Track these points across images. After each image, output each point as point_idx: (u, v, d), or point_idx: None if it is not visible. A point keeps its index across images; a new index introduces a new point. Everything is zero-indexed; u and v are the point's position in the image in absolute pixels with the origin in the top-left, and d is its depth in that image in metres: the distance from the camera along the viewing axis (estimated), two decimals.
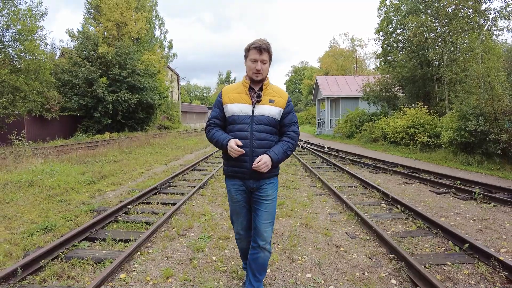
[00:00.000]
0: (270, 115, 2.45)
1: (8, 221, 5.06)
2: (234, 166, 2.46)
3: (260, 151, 2.39)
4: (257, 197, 2.53)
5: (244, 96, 2.46)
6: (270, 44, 2.43)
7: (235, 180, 2.52)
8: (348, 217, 5.06)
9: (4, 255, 3.75)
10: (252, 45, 2.38)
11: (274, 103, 2.47)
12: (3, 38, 17.05)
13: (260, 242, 2.54)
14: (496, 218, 5.00)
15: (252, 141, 2.39)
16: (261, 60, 2.37)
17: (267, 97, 2.47)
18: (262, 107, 2.44)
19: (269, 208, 2.55)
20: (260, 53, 2.36)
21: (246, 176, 2.45)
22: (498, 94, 11.41)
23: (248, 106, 2.43)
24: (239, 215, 2.64)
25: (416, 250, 3.89)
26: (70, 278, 3.24)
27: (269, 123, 2.45)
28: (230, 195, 2.61)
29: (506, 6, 14.57)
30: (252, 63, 2.39)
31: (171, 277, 3.20)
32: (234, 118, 2.45)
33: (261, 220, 2.53)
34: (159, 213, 5.27)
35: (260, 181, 2.48)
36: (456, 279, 3.19)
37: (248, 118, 2.42)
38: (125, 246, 3.98)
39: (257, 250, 2.57)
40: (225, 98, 2.50)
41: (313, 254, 3.72)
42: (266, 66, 2.42)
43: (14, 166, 8.78)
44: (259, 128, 2.42)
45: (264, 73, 2.42)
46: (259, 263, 2.60)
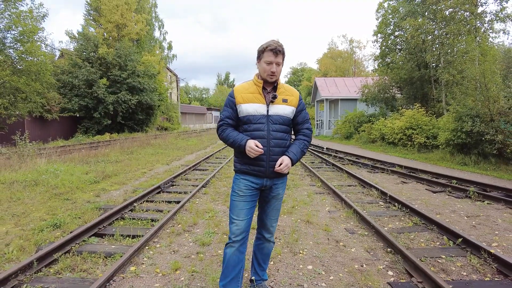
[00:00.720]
0: (284, 115, 2.48)
1: (18, 218, 5.22)
2: (251, 164, 2.45)
3: (277, 150, 2.43)
4: (268, 196, 2.59)
5: (258, 96, 2.45)
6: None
7: (249, 176, 2.50)
8: (347, 214, 5.24)
9: (18, 250, 3.90)
10: (268, 47, 2.37)
11: (288, 103, 2.49)
12: (5, 40, 17.18)
13: (266, 235, 2.71)
14: (489, 215, 5.19)
15: (269, 140, 2.41)
16: (276, 62, 2.38)
17: (281, 96, 2.48)
18: (277, 106, 2.46)
19: (278, 207, 2.68)
20: (276, 55, 2.37)
21: (263, 174, 2.46)
22: (493, 95, 11.63)
23: (263, 106, 2.43)
24: (241, 211, 2.50)
25: (412, 244, 4.07)
26: (83, 270, 3.40)
27: (284, 122, 2.48)
28: (239, 189, 2.52)
29: (501, 9, 14.80)
30: (267, 65, 2.38)
31: (180, 269, 3.37)
32: (249, 118, 2.44)
33: (270, 217, 2.67)
34: (164, 211, 5.44)
35: (273, 179, 2.52)
36: (450, 271, 3.37)
37: (264, 118, 2.43)
38: (133, 241, 4.14)
39: (262, 241, 2.75)
40: (238, 97, 2.47)
41: (313, 248, 3.90)
42: (280, 68, 2.43)
43: (18, 166, 8.92)
44: (275, 128, 2.43)
45: (278, 75, 2.44)
46: (265, 253, 2.79)
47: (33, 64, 17.70)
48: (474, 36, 14.96)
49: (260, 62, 2.44)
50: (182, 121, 46.96)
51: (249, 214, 2.53)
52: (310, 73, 63.09)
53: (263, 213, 2.68)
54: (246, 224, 2.51)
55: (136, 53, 27.73)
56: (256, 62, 2.51)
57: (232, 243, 2.50)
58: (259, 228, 2.76)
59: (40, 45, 18.81)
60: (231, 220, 2.54)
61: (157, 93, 29.86)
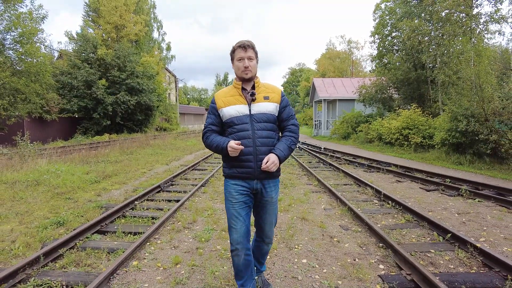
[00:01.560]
0: (267, 112, 2.45)
1: (21, 217, 5.36)
2: (238, 167, 2.42)
3: (264, 149, 2.40)
4: (261, 200, 2.55)
5: (238, 97, 2.45)
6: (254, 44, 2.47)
7: (237, 180, 2.47)
8: (342, 211, 5.40)
9: (23, 246, 4.05)
10: (237, 45, 2.41)
11: (269, 99, 2.47)
12: (4, 41, 17.30)
13: (265, 239, 2.72)
14: (479, 212, 5.36)
15: (255, 140, 2.38)
16: (248, 57, 2.39)
17: (261, 94, 2.47)
18: (258, 105, 2.44)
19: (273, 211, 2.63)
20: (245, 50, 2.38)
21: (251, 176, 2.42)
22: (488, 96, 11.81)
23: (244, 107, 2.43)
24: (237, 218, 2.47)
25: (403, 240, 4.23)
26: (87, 265, 3.55)
27: (268, 120, 2.45)
28: (230, 196, 2.49)
29: (496, 10, 15.00)
30: (239, 62, 2.40)
31: (180, 263, 3.52)
32: (232, 120, 2.43)
33: (266, 222, 2.63)
34: (164, 209, 5.59)
35: (263, 181, 2.48)
36: (438, 264, 3.53)
37: (247, 118, 2.41)
38: (134, 238, 4.29)
39: (261, 243, 2.76)
40: (219, 102, 2.48)
41: (308, 243, 4.06)
42: (253, 62, 2.42)
43: (20, 166, 9.06)
44: (260, 127, 2.41)
45: (253, 70, 2.43)
46: (263, 252, 2.83)
47: (33, 65, 17.82)
48: (469, 37, 15.16)
49: (233, 63, 2.47)
50: (181, 122, 47.10)
51: (246, 219, 2.51)
52: (308, 74, 63.30)
53: (260, 219, 2.64)
54: (245, 229, 2.49)
55: (135, 54, 27.85)
56: (232, 66, 2.53)
57: (237, 251, 2.48)
58: (258, 232, 2.75)
59: (40, 47, 18.94)
60: (230, 227, 2.52)
61: (156, 94, 29.99)
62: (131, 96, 26.14)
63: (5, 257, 3.75)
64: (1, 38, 17.11)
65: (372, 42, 23.10)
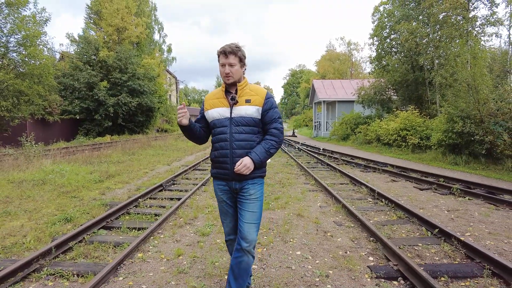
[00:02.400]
0: (247, 115, 2.46)
1: (30, 214, 5.60)
2: (217, 168, 2.54)
3: (240, 152, 2.42)
4: (240, 197, 2.54)
5: (222, 100, 2.51)
6: (241, 47, 2.47)
7: (220, 181, 2.58)
8: (336, 209, 5.64)
9: (34, 240, 4.29)
10: (219, 50, 2.44)
11: (251, 103, 2.47)
12: (9, 44, 17.58)
13: (243, 244, 2.45)
14: (468, 209, 5.60)
15: (231, 142, 2.44)
16: (228, 64, 2.40)
17: (244, 97, 2.48)
18: (239, 108, 2.47)
19: (251, 208, 2.50)
20: (226, 57, 2.40)
21: (229, 177, 2.49)
22: (483, 97, 12.04)
23: (226, 109, 2.48)
24: (226, 215, 2.67)
25: (393, 235, 4.47)
26: (95, 257, 3.79)
27: (248, 123, 2.46)
28: (217, 195, 2.66)
29: (492, 14, 15.26)
30: (221, 67, 2.44)
31: (182, 255, 3.77)
32: (214, 122, 2.52)
33: (244, 220, 2.48)
34: (166, 207, 5.83)
35: (242, 182, 2.49)
36: (424, 256, 3.76)
37: (227, 121, 2.47)
38: (138, 233, 4.53)
39: (240, 253, 2.46)
40: (206, 104, 2.59)
41: (303, 237, 4.30)
42: (235, 68, 2.43)
43: (26, 166, 9.31)
44: (237, 130, 2.45)
45: (235, 75, 2.44)
46: (242, 267, 2.48)
47: (36, 67, 18.09)
48: (465, 39, 15.42)
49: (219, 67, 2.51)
50: None
51: (235, 215, 2.64)
52: (308, 75, 63.59)
53: (240, 217, 2.54)
54: (234, 223, 2.68)
55: (136, 56, 28.14)
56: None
57: (231, 241, 2.76)
58: (238, 237, 2.51)
59: (43, 49, 19.20)
60: (222, 222, 2.76)
61: (157, 96, 30.29)
62: (133, 98, 26.42)
63: (18, 250, 3.99)
64: (5, 41, 17.39)
65: (371, 44, 23.37)
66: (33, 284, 3.17)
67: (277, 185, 7.74)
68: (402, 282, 3.20)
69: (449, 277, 3.25)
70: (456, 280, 3.21)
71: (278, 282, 3.12)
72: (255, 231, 2.51)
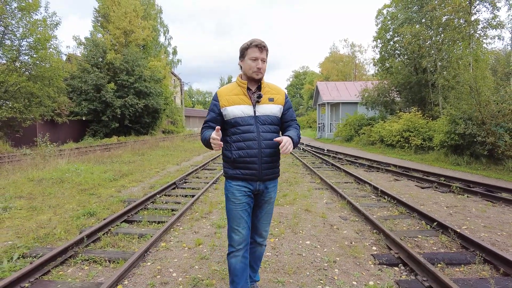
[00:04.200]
0: (272, 114, 2.43)
1: (54, 209, 5.98)
2: (242, 168, 2.39)
3: (268, 151, 2.38)
4: (260, 200, 2.54)
5: (243, 97, 2.40)
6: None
7: (241, 182, 2.44)
8: (341, 205, 5.99)
9: (64, 232, 4.67)
10: (253, 43, 2.34)
11: (274, 101, 2.45)
12: (21, 47, 18.09)
13: (258, 240, 2.67)
14: (466, 205, 5.92)
15: (260, 142, 2.35)
16: (262, 59, 2.35)
17: (266, 95, 2.43)
18: (263, 106, 2.40)
19: (270, 210, 2.62)
20: (261, 51, 2.35)
21: (255, 178, 2.40)
22: (484, 99, 12.33)
23: (249, 107, 2.38)
24: (240, 220, 2.45)
25: (395, 228, 4.81)
26: (122, 246, 4.16)
27: (273, 122, 2.43)
28: (234, 197, 2.45)
29: (493, 17, 15.54)
30: (252, 61, 2.34)
31: (202, 244, 4.13)
32: (236, 120, 2.37)
33: (262, 221, 2.61)
34: (181, 203, 6.20)
35: (266, 182, 2.47)
36: (423, 246, 4.10)
37: (252, 119, 2.37)
38: (159, 226, 4.90)
39: (254, 245, 2.70)
40: (223, 100, 2.40)
41: (311, 229, 4.66)
42: (265, 65, 2.40)
43: (43, 166, 9.73)
44: (265, 129, 2.39)
45: (264, 72, 2.41)
46: (256, 255, 2.76)
47: (47, 70, 18.59)
48: (468, 42, 15.71)
49: (244, 60, 2.41)
50: (186, 124, 47.89)
51: (248, 221, 2.51)
52: (312, 77, 63.93)
53: (255, 218, 2.60)
54: (247, 231, 2.49)
55: (143, 59, 28.63)
56: (239, 62, 2.47)
57: (236, 252, 2.48)
58: (252, 233, 2.63)
59: (53, 52, 19.69)
60: (232, 229, 2.49)
61: (162, 97, 30.76)
62: (139, 99, 26.91)
63: (51, 240, 4.37)
64: (17, 45, 17.90)
65: (374, 47, 23.67)
66: (71, 268, 3.55)
67: (284, 184, 8.10)
68: (402, 267, 3.54)
69: (445, 263, 3.59)
70: (452, 267, 3.55)
71: (291, 266, 3.48)
72: (268, 229, 2.73)
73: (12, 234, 4.59)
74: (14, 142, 17.77)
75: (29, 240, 4.29)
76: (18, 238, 4.39)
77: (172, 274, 3.36)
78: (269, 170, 2.45)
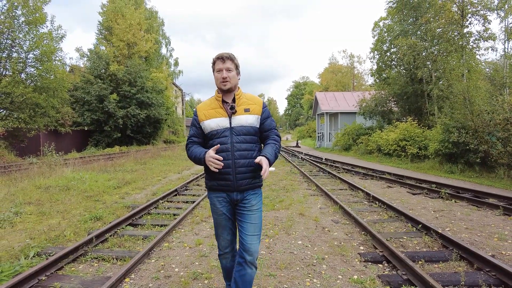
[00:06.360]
0: (247, 124, 2.45)
1: (62, 214, 6.32)
2: (218, 179, 2.44)
3: (243, 162, 2.40)
4: (241, 208, 2.48)
5: (219, 110, 2.46)
6: (235, 56, 2.51)
7: (219, 193, 2.49)
8: (334, 210, 6.31)
9: (73, 234, 5.00)
10: (216, 57, 2.46)
11: (250, 112, 2.47)
12: (27, 60, 18.64)
13: (247, 257, 2.43)
14: (452, 210, 6.25)
15: (233, 152, 2.39)
16: (226, 68, 2.42)
17: (242, 106, 2.47)
18: (239, 117, 2.44)
19: (254, 219, 2.47)
20: (223, 62, 2.42)
21: (231, 188, 2.43)
22: (476, 109, 12.72)
23: (225, 120, 2.43)
24: (224, 228, 2.58)
25: (383, 230, 5.13)
26: (127, 247, 4.49)
27: (248, 132, 2.45)
28: (215, 208, 2.54)
29: (485, 29, 16.06)
30: (218, 73, 2.44)
31: (202, 244, 4.46)
32: (212, 133, 2.45)
33: (247, 232, 2.45)
34: (183, 208, 6.53)
35: (244, 193, 2.46)
36: (407, 246, 4.42)
37: (227, 131, 2.42)
38: (161, 229, 5.23)
39: (243, 266, 2.45)
40: (201, 115, 2.50)
41: (304, 231, 4.98)
42: (232, 74, 2.44)
43: (49, 174, 10.08)
44: (239, 139, 2.42)
45: (232, 81, 2.44)
46: (246, 280, 2.47)
47: (51, 81, 19.10)
48: (460, 54, 16.19)
49: (214, 74, 2.51)
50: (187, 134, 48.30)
51: (233, 227, 2.61)
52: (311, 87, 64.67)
53: (241, 230, 2.49)
54: (232, 237, 2.63)
55: (145, 70, 29.24)
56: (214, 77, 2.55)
57: (225, 255, 2.67)
58: (240, 250, 2.49)
59: (58, 65, 20.23)
60: (217, 236, 2.65)
61: (164, 108, 31.29)
62: (141, 110, 27.41)
63: (62, 241, 4.70)
64: (24, 57, 18.45)
65: (371, 58, 24.24)
66: (82, 265, 3.88)
67: (281, 190, 8.43)
68: (386, 264, 3.86)
69: (425, 261, 3.90)
70: (431, 263, 3.87)
71: (283, 262, 3.80)
72: (257, 243, 2.49)
73: (25, 235, 4.93)
74: (19, 152, 18.16)
75: (41, 240, 4.63)
76: (31, 239, 4.73)
77: (175, 269, 3.69)
78: (245, 180, 2.43)
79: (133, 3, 30.79)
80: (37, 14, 18.33)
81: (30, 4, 18.14)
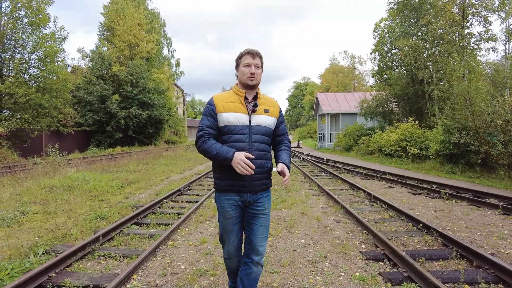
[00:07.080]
0: (266, 125, 2.41)
1: (68, 214, 6.41)
2: (232, 179, 2.34)
3: (259, 162, 2.33)
4: (253, 211, 2.43)
5: (239, 105, 2.37)
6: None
7: (231, 194, 2.39)
8: (336, 209, 6.40)
9: (79, 232, 5.09)
10: (245, 51, 2.40)
11: (269, 113, 2.44)
12: (30, 61, 18.76)
13: (254, 258, 2.43)
14: (452, 209, 6.33)
15: (251, 152, 2.30)
16: (255, 65, 2.36)
17: (262, 106, 2.42)
18: (259, 117, 2.39)
19: (265, 222, 2.47)
20: (253, 57, 2.37)
21: (245, 189, 2.35)
22: (477, 110, 12.79)
23: (245, 116, 2.35)
24: (231, 233, 2.48)
25: (384, 229, 5.21)
26: (133, 245, 4.57)
27: (266, 133, 2.42)
28: (224, 211, 2.44)
29: (486, 31, 16.14)
30: (246, 67, 2.36)
31: (206, 242, 4.55)
32: (230, 128, 2.33)
33: (258, 235, 2.43)
34: (186, 207, 6.62)
35: (257, 194, 2.41)
36: (408, 245, 4.50)
37: (246, 129, 2.34)
38: (166, 228, 5.31)
39: (250, 266, 2.45)
40: (219, 106, 2.36)
41: (306, 230, 5.07)
42: (259, 71, 2.40)
43: (53, 174, 10.19)
44: (257, 139, 2.36)
45: (258, 78, 2.39)
46: (252, 278, 2.47)
47: (54, 82, 19.22)
48: (461, 55, 16.27)
49: (238, 69, 2.44)
50: (188, 135, 48.49)
51: (239, 233, 2.53)
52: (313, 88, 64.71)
53: (251, 232, 2.45)
54: (239, 242, 2.54)
55: (147, 71, 29.36)
56: (236, 72, 2.50)
57: (230, 259, 2.61)
58: (248, 251, 2.48)
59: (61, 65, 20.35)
60: (223, 240, 2.55)
61: (166, 108, 31.41)
62: (143, 111, 27.53)
63: (69, 239, 4.79)
64: (27, 58, 18.57)
65: (373, 59, 24.33)
66: (90, 262, 3.97)
67: (283, 191, 8.51)
68: (387, 262, 3.95)
69: (426, 259, 3.98)
70: (431, 261, 3.95)
71: (286, 260, 3.89)
72: (265, 244, 2.50)
73: (33, 234, 5.02)
74: (21, 152, 18.27)
75: (49, 239, 4.72)
76: (39, 238, 4.82)
77: (181, 266, 3.78)
78: (260, 181, 2.39)
79: (135, 4, 30.96)
80: (40, 15, 18.44)
81: (33, 5, 18.26)
